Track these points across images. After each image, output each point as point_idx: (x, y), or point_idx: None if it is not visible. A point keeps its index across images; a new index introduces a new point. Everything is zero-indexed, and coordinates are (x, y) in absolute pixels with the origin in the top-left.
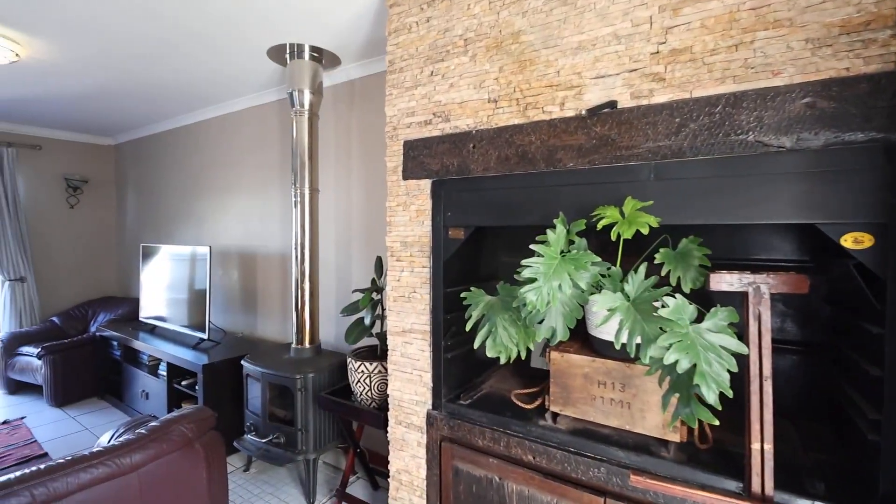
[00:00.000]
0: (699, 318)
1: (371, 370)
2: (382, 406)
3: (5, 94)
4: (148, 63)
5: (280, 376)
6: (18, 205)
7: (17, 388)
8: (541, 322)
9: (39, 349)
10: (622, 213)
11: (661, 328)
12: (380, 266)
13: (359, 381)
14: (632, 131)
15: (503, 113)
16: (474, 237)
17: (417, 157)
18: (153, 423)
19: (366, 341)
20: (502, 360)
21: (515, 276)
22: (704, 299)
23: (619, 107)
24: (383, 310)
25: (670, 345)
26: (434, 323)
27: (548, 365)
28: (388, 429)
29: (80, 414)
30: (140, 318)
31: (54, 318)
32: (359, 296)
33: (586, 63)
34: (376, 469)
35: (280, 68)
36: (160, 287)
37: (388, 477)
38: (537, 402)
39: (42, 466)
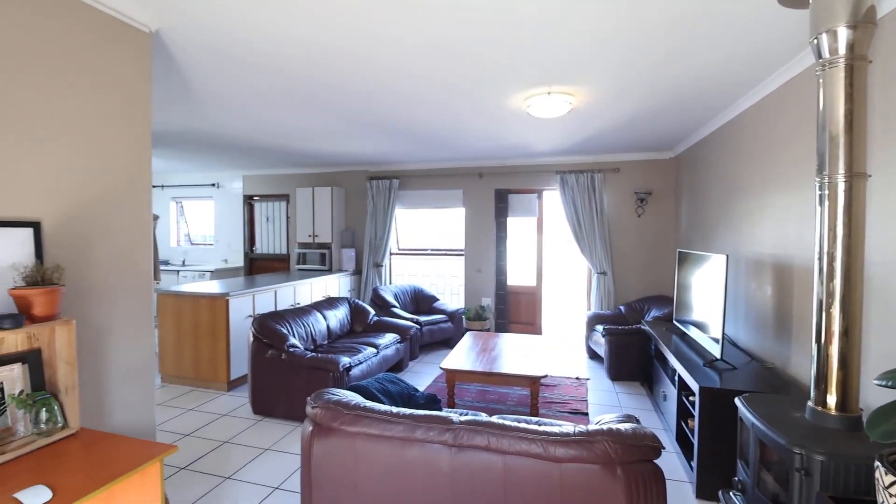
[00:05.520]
0: None
1: None
2: None
3: (581, 135)
4: (664, 69)
5: (773, 438)
6: (603, 215)
7: (593, 355)
8: None
9: (604, 329)
10: None
11: None
12: None
13: None
14: None
15: None
16: None
17: None
18: (590, 428)
19: None
20: None
21: None
22: None
23: None
24: None
25: None
26: None
27: None
28: None
29: (622, 392)
30: (673, 321)
31: (621, 307)
32: None
33: None
34: None
35: (804, 15)
36: (686, 294)
37: None
38: None
39: (500, 421)
